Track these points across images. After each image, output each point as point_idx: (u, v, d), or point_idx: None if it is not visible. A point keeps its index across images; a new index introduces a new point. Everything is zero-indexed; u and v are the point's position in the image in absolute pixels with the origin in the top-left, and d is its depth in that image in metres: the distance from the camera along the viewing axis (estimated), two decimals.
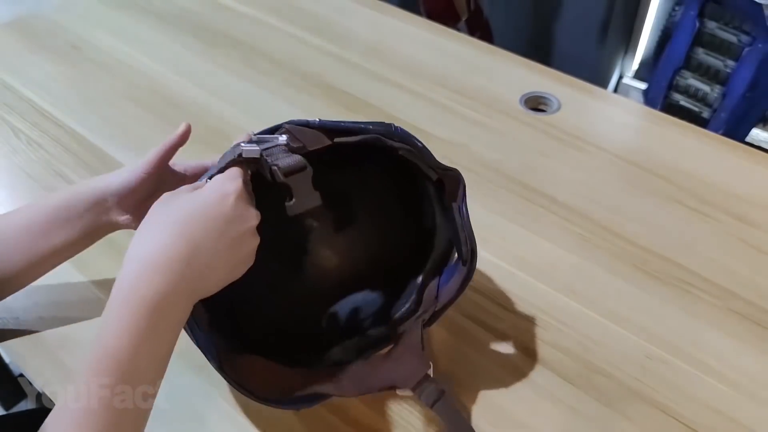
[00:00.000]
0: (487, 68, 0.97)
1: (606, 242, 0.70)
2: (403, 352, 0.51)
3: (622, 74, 2.04)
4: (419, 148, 0.53)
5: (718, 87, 1.55)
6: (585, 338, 0.61)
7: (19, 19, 1.12)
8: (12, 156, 0.84)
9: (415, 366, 0.50)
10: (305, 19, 1.09)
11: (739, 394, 0.57)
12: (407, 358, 0.50)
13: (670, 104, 1.67)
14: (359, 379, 0.50)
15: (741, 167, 0.79)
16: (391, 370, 0.50)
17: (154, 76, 0.98)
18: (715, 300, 0.64)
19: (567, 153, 0.82)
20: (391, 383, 0.49)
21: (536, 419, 0.55)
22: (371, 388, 0.50)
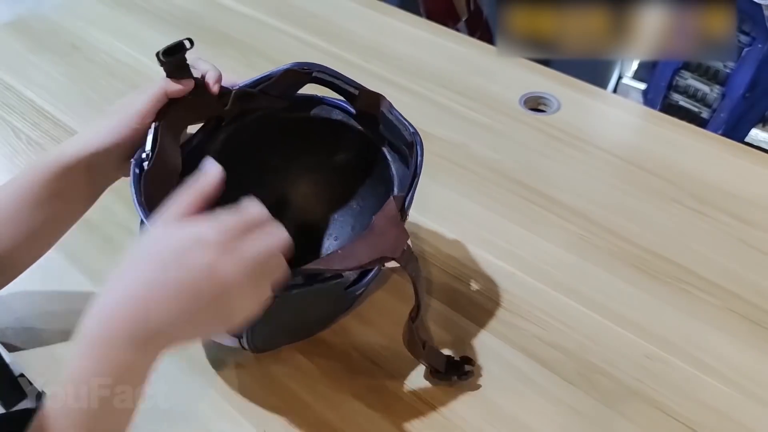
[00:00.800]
0: (487, 68, 0.97)
1: (606, 242, 0.70)
2: (385, 225, 0.51)
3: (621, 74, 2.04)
4: (329, 69, 0.61)
5: (718, 87, 1.55)
6: (585, 338, 0.61)
7: (19, 19, 1.12)
8: (12, 156, 0.84)
9: (398, 236, 0.50)
10: (305, 19, 1.09)
11: (739, 394, 0.57)
12: (389, 230, 0.50)
13: (669, 104, 1.67)
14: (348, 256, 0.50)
15: (741, 167, 0.79)
16: (377, 242, 0.50)
17: (154, 76, 0.97)
18: (715, 300, 0.64)
19: (567, 153, 0.82)
20: (380, 254, 0.49)
21: (536, 419, 0.55)
22: (360, 261, 0.49)
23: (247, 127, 0.64)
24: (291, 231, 0.67)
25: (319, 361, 0.60)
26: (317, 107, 0.64)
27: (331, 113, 0.64)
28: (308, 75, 0.60)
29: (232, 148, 0.63)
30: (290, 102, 0.64)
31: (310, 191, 0.70)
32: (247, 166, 0.66)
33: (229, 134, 0.63)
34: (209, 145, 0.62)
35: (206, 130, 0.62)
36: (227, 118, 0.62)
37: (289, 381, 0.58)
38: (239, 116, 0.63)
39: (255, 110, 0.63)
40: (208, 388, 0.58)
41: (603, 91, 0.96)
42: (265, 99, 0.62)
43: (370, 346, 0.61)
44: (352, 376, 0.58)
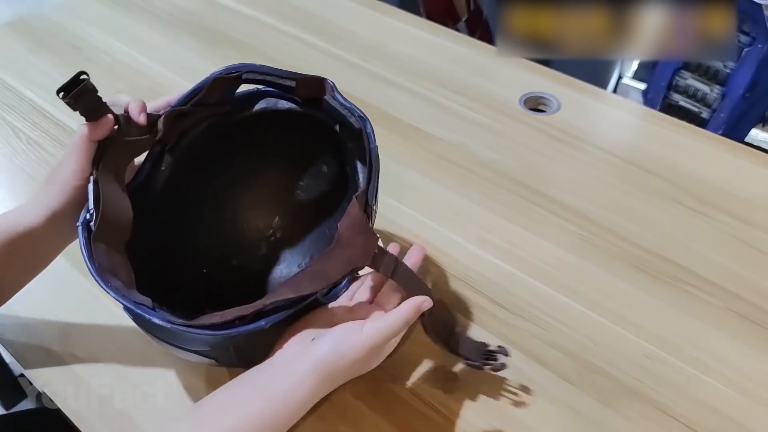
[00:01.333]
0: (487, 68, 0.97)
1: (606, 242, 0.70)
2: (350, 234, 0.49)
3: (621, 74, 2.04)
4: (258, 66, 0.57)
5: (718, 87, 1.55)
6: (585, 338, 0.61)
7: (19, 19, 1.12)
8: (12, 156, 0.84)
9: (365, 242, 0.49)
10: (305, 19, 1.09)
11: (739, 394, 0.57)
12: (356, 238, 0.49)
13: (669, 104, 1.67)
14: (317, 275, 0.48)
15: (741, 167, 0.79)
16: (345, 255, 0.48)
17: (154, 76, 0.98)
18: (715, 300, 0.64)
19: (567, 153, 0.82)
20: (350, 267, 0.48)
21: (536, 419, 0.55)
22: (330, 279, 0.48)
23: (193, 144, 0.61)
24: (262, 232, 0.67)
25: None
26: (262, 101, 0.61)
27: (276, 104, 0.61)
28: (238, 78, 0.58)
29: (182, 169, 0.61)
30: (231, 104, 0.61)
31: (272, 184, 0.68)
32: (203, 181, 0.64)
33: (177, 156, 0.61)
34: (158, 174, 0.60)
35: (151, 160, 0.60)
36: (170, 142, 0.60)
37: None
38: (182, 135, 0.60)
39: (197, 124, 0.61)
40: (208, 388, 0.58)
41: (603, 91, 0.96)
42: (203, 110, 0.59)
43: None
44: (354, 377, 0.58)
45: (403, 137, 0.85)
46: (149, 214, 0.58)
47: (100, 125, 0.52)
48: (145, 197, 0.59)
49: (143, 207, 0.57)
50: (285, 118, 0.61)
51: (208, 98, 0.58)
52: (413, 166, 0.81)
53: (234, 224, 0.67)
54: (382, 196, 0.54)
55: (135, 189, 0.57)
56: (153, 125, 0.56)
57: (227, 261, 0.65)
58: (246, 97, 0.61)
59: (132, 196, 0.56)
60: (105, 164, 0.53)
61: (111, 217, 0.52)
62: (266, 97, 0.61)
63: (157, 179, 0.60)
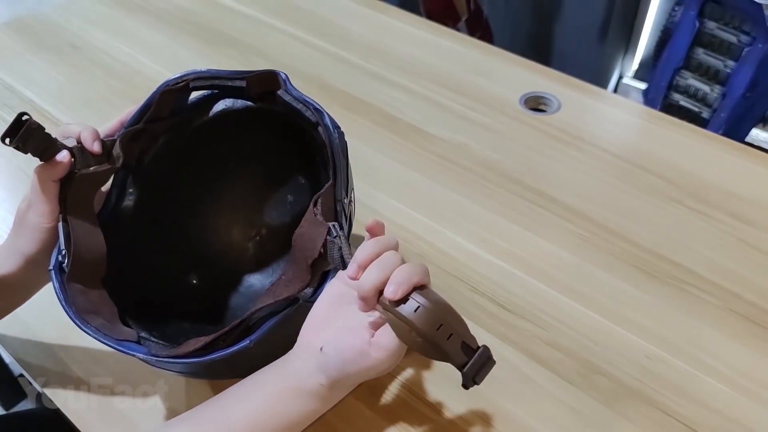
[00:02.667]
0: (487, 68, 0.97)
1: (606, 242, 0.70)
2: (305, 232, 0.48)
3: (622, 74, 2.04)
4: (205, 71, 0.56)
5: (718, 87, 1.55)
6: (585, 338, 0.61)
7: (19, 19, 1.12)
8: (12, 156, 0.83)
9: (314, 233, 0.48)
10: (305, 19, 1.09)
11: (739, 394, 0.57)
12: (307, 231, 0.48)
13: (669, 104, 1.67)
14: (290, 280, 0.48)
15: (741, 167, 0.79)
16: (303, 252, 0.48)
17: (154, 76, 0.98)
18: (715, 300, 0.64)
19: (567, 153, 0.82)
20: (307, 263, 0.47)
21: (536, 419, 0.55)
22: (302, 279, 0.48)
23: (155, 162, 0.60)
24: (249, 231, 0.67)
25: None
26: (220, 102, 0.59)
27: (234, 104, 0.59)
28: (186, 87, 0.56)
29: (149, 189, 0.60)
30: (188, 112, 0.59)
31: (248, 185, 0.66)
32: (174, 196, 0.63)
33: (141, 178, 0.60)
34: (126, 199, 0.59)
35: (117, 185, 0.59)
36: (131, 163, 0.59)
37: None
38: (142, 154, 0.59)
39: (155, 140, 0.59)
40: (208, 389, 0.58)
41: (603, 90, 0.96)
42: (158, 125, 0.58)
43: None
44: None
45: (403, 137, 0.85)
46: (125, 240, 0.57)
47: (57, 164, 0.50)
48: (119, 224, 0.58)
49: (118, 234, 0.56)
50: (245, 117, 0.60)
51: (160, 112, 0.57)
52: (413, 166, 0.81)
53: (216, 231, 0.66)
54: (382, 196, 0.54)
55: (106, 218, 0.56)
56: (110, 151, 0.55)
57: (216, 268, 0.65)
58: (200, 102, 0.60)
59: (104, 225, 0.55)
60: (71, 200, 0.52)
61: (84, 255, 0.51)
62: (222, 98, 0.59)
63: (126, 205, 0.59)
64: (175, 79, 0.56)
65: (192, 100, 0.59)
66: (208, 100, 0.59)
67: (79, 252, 0.51)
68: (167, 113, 0.57)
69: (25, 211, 0.52)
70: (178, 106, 0.58)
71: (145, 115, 0.56)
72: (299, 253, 0.48)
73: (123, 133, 0.56)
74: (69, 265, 0.50)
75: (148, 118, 0.56)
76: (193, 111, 0.60)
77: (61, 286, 0.49)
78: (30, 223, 0.51)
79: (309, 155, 0.59)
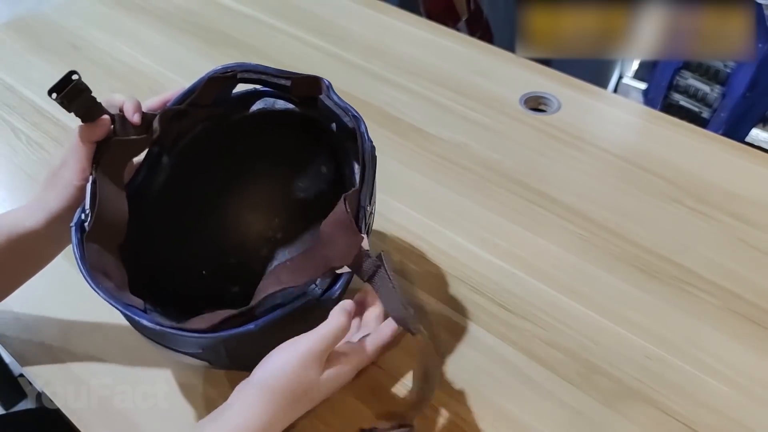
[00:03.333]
0: (487, 68, 0.97)
1: (606, 242, 0.70)
2: (333, 232, 0.48)
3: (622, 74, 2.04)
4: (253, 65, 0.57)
5: (718, 87, 1.55)
6: (585, 338, 0.61)
7: (19, 19, 1.12)
8: (12, 156, 0.84)
9: (348, 241, 0.48)
10: (305, 19, 1.09)
11: (739, 394, 0.57)
12: (338, 236, 0.48)
13: (669, 104, 1.67)
14: (297, 270, 0.49)
15: (741, 167, 0.79)
16: (324, 252, 0.48)
17: (154, 76, 0.98)
18: (715, 300, 0.64)
19: (567, 153, 0.82)
20: (329, 265, 0.47)
21: (536, 419, 0.55)
22: (311, 274, 0.48)
23: (190, 146, 0.61)
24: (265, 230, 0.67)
25: None
26: (259, 101, 0.61)
27: (274, 104, 0.60)
28: (233, 78, 0.57)
29: (180, 171, 0.61)
30: (229, 104, 0.60)
31: (272, 186, 0.67)
32: (201, 184, 0.64)
33: (174, 159, 0.61)
34: (156, 176, 0.60)
35: (149, 161, 0.59)
36: (167, 143, 0.60)
37: None
38: (179, 137, 0.60)
39: (194, 125, 0.60)
40: (207, 388, 0.58)
41: (603, 90, 0.96)
42: (200, 111, 0.59)
43: None
44: (354, 378, 0.58)
45: (403, 137, 0.85)
46: (147, 215, 0.58)
47: (97, 126, 0.52)
48: (143, 199, 0.58)
49: (141, 209, 0.56)
50: (282, 119, 0.61)
51: (204, 98, 0.58)
52: (413, 166, 0.81)
53: (233, 226, 0.67)
54: (382, 196, 0.54)
55: (133, 191, 0.57)
56: (149, 125, 0.56)
57: (227, 262, 0.65)
58: (242, 98, 0.61)
59: (130, 198, 0.55)
60: (103, 164, 0.53)
61: (106, 218, 0.52)
62: (263, 97, 0.61)
63: (155, 181, 0.60)
64: (224, 68, 0.56)
65: (234, 94, 0.60)
66: (250, 97, 0.61)
67: (102, 214, 0.51)
68: (210, 101, 0.58)
69: (58, 167, 0.52)
70: (221, 97, 0.59)
71: (188, 98, 0.57)
72: (320, 250, 0.48)
73: (165, 110, 0.56)
74: (90, 224, 0.50)
75: (190, 102, 0.57)
76: (235, 105, 0.60)
77: (79, 242, 0.50)
78: (61, 179, 0.52)
79: (338, 165, 0.60)
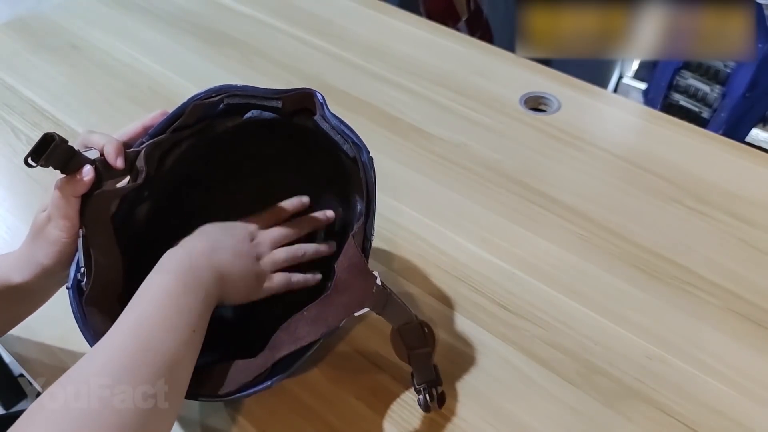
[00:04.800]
0: (487, 68, 0.97)
1: (606, 242, 0.70)
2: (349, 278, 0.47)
3: (622, 74, 2.04)
4: (240, 87, 0.55)
5: (718, 87, 1.56)
6: (585, 338, 0.61)
7: (19, 19, 1.12)
8: (12, 156, 0.84)
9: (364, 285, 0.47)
10: (305, 19, 1.09)
11: (739, 394, 0.57)
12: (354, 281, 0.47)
13: (669, 104, 1.67)
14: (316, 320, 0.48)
15: (741, 167, 0.79)
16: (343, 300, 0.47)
17: (154, 76, 0.98)
18: (715, 300, 0.64)
19: (567, 153, 0.82)
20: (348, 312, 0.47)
21: (536, 419, 0.55)
22: (329, 325, 0.47)
23: (177, 165, 0.57)
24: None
25: (321, 362, 0.60)
26: (249, 112, 0.57)
27: (261, 114, 0.56)
28: (219, 103, 0.54)
29: (168, 192, 0.58)
30: (214, 118, 0.57)
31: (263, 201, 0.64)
32: (192, 200, 0.61)
33: (161, 182, 0.56)
34: (141, 204, 0.57)
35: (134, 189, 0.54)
36: (151, 171, 0.54)
37: (290, 382, 0.58)
38: (162, 158, 0.56)
39: (179, 145, 0.56)
40: None
41: (603, 90, 0.96)
42: (185, 132, 0.55)
43: (371, 348, 0.61)
44: (354, 378, 0.58)
45: (403, 137, 0.85)
46: (139, 242, 0.55)
47: (81, 181, 0.48)
48: (132, 226, 0.56)
49: (128, 238, 0.54)
50: (272, 128, 0.58)
51: (188, 121, 0.55)
52: (413, 166, 0.81)
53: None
54: (381, 196, 0.54)
55: (118, 222, 0.54)
56: (133, 163, 0.52)
57: None
58: (229, 109, 0.57)
59: (119, 227, 0.53)
60: (90, 215, 0.49)
61: (102, 272, 0.50)
62: (251, 109, 0.57)
63: (140, 209, 0.57)
64: (208, 93, 0.54)
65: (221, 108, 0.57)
66: (237, 108, 0.57)
67: (99, 270, 0.49)
68: (194, 121, 0.55)
69: (44, 223, 0.50)
70: (206, 114, 0.56)
71: (171, 125, 0.54)
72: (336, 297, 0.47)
73: (147, 146, 0.52)
74: (88, 284, 0.48)
75: (174, 128, 0.54)
76: (221, 116, 0.57)
77: (79, 307, 0.48)
78: (49, 236, 0.49)
79: (334, 175, 0.59)
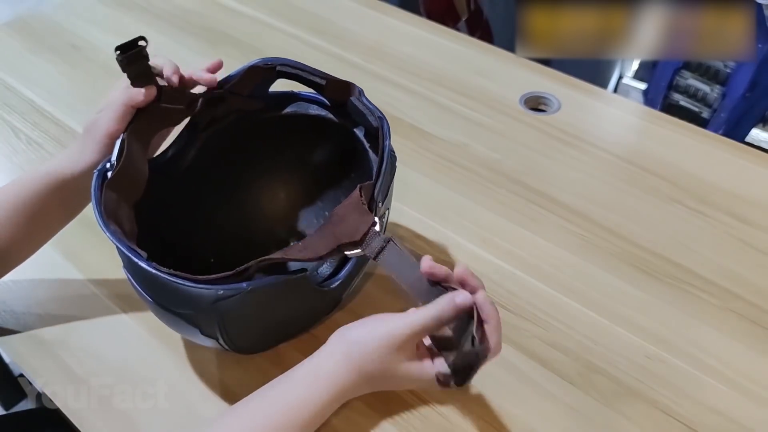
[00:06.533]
0: (487, 68, 0.97)
1: (606, 242, 0.70)
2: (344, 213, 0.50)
3: (622, 74, 2.04)
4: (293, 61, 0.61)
5: (718, 87, 1.55)
6: (585, 338, 0.61)
7: (19, 19, 1.12)
8: (12, 156, 0.84)
9: (358, 220, 0.49)
10: (305, 19, 1.09)
11: (739, 394, 0.57)
12: (349, 216, 0.50)
13: (669, 104, 1.67)
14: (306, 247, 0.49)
15: (741, 167, 0.79)
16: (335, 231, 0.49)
17: None
18: (715, 300, 0.64)
19: (567, 153, 0.82)
20: (338, 242, 0.49)
21: (536, 419, 0.55)
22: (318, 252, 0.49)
23: (222, 132, 0.63)
24: (276, 232, 0.68)
25: None
26: (293, 104, 0.63)
27: (308, 109, 0.63)
28: (272, 70, 0.60)
29: (208, 156, 0.63)
30: (265, 101, 0.63)
31: (292, 190, 0.69)
32: (225, 172, 0.65)
33: (205, 142, 0.63)
34: (184, 156, 0.62)
35: (180, 140, 0.62)
36: (201, 124, 0.62)
37: None
38: (212, 122, 0.62)
39: (228, 114, 0.63)
40: (208, 388, 0.58)
41: (603, 90, 0.96)
42: (237, 100, 0.61)
43: None
44: None
45: (403, 137, 0.85)
46: (166, 194, 0.59)
47: (145, 94, 0.54)
48: (169, 175, 0.60)
49: (162, 186, 0.58)
50: (312, 124, 0.63)
51: (242, 88, 0.60)
52: (413, 166, 0.81)
53: (245, 223, 0.67)
54: None
55: (160, 165, 0.59)
56: (191, 102, 0.58)
57: (234, 255, 0.65)
58: (279, 98, 0.63)
59: (156, 172, 0.58)
60: (137, 125, 0.55)
61: (128, 174, 0.54)
62: (298, 101, 0.63)
63: (182, 161, 0.62)
64: (264, 60, 0.60)
65: (271, 93, 0.63)
66: (285, 99, 0.63)
67: (125, 169, 0.53)
68: (247, 91, 0.61)
69: (96, 122, 0.55)
70: (259, 91, 0.62)
71: (227, 84, 0.59)
72: (330, 228, 0.50)
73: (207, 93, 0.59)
74: (113, 174, 0.52)
75: (228, 88, 0.59)
76: (269, 103, 0.63)
77: (98, 187, 0.52)
78: (99, 135, 0.55)
79: (363, 177, 0.60)
